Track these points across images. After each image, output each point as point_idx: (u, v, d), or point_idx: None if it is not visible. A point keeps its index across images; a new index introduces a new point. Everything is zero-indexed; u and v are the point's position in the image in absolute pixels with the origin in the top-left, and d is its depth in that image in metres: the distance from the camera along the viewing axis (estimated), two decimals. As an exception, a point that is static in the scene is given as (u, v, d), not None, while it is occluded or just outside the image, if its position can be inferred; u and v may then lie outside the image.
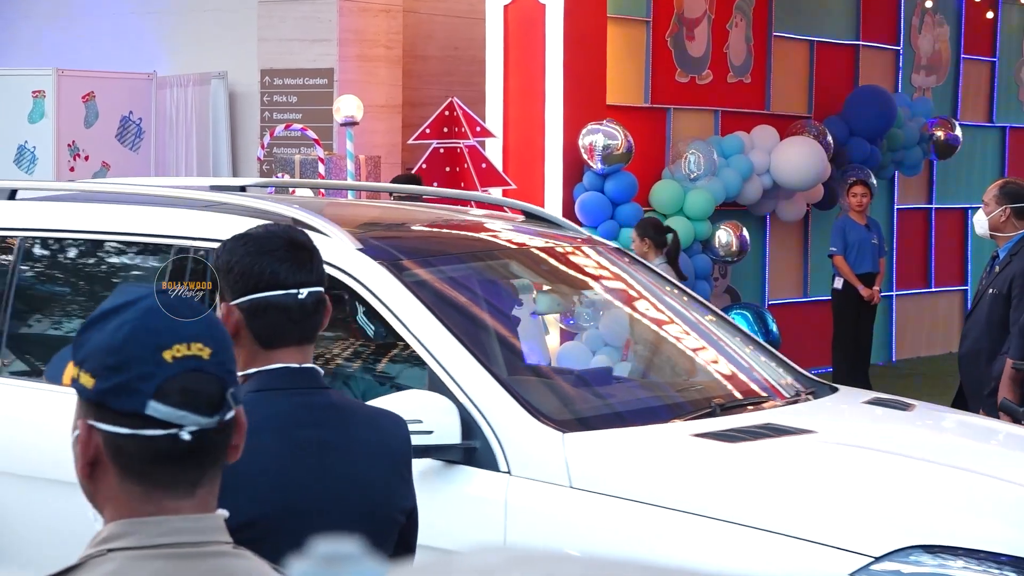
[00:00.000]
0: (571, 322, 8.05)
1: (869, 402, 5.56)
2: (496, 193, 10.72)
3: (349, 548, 1.40)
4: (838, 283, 12.66)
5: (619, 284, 5.86)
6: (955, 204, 16.15)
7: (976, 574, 4.14)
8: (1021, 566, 4.18)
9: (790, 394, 5.40)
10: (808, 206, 13.86)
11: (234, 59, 13.34)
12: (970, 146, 15.68)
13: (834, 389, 5.59)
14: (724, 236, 12.52)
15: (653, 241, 10.69)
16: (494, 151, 11.65)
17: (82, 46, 14.13)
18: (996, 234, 8.06)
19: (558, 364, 7.31)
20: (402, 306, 4.69)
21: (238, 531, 2.13)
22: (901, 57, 15.43)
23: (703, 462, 4.60)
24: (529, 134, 11.80)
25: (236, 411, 2.00)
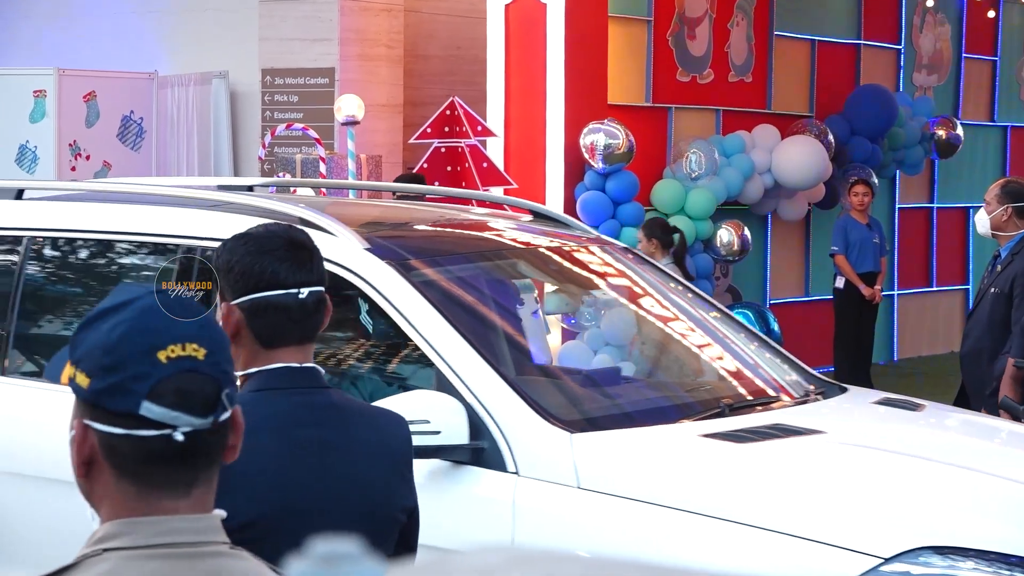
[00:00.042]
0: (575, 322, 8.04)
1: (878, 402, 5.53)
2: (497, 192, 10.70)
3: (349, 548, 1.39)
4: (839, 282, 12.64)
5: (629, 283, 5.84)
6: (956, 203, 16.15)
7: (986, 575, 4.13)
8: (1032, 567, 4.18)
9: (799, 394, 5.39)
10: (809, 205, 13.85)
11: (235, 58, 13.32)
12: (971, 145, 15.68)
13: (843, 389, 5.57)
14: (725, 235, 12.51)
15: (660, 241, 10.67)
16: (495, 150, 11.64)
17: (83, 46, 14.11)
18: (998, 233, 8.07)
19: (567, 364, 7.29)
20: (410, 306, 4.67)
21: (238, 531, 2.12)
22: (902, 56, 15.42)
23: (712, 463, 4.58)
24: (530, 133, 11.79)
25: (233, 411, 1.99)
